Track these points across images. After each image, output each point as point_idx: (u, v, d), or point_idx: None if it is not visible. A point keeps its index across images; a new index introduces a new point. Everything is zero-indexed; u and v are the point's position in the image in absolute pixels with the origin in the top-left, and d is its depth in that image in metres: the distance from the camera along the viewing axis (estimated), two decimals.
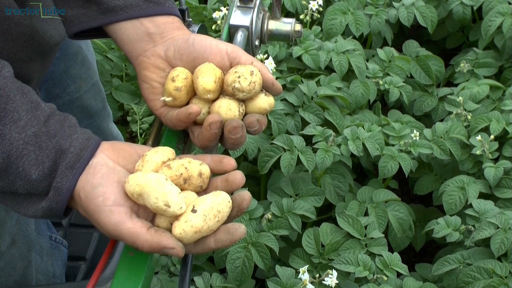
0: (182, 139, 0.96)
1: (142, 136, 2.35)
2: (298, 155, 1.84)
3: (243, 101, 0.89)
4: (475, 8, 2.45)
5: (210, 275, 1.63)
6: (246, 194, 0.83)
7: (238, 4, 1.07)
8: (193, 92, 0.91)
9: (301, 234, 1.75)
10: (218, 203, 0.80)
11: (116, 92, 2.33)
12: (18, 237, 1.28)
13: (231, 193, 0.83)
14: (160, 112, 0.93)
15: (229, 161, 0.85)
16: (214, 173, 0.86)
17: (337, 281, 1.51)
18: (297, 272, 1.57)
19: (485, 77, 2.28)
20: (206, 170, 0.84)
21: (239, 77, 0.87)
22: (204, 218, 0.79)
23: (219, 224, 0.81)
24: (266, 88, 0.91)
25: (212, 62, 0.90)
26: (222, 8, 2.11)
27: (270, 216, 1.74)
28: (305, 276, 1.52)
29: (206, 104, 0.90)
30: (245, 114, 0.90)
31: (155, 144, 0.97)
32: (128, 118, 2.39)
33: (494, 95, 2.17)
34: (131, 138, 2.43)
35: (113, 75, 2.38)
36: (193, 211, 0.79)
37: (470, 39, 2.54)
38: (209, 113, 0.90)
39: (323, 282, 1.52)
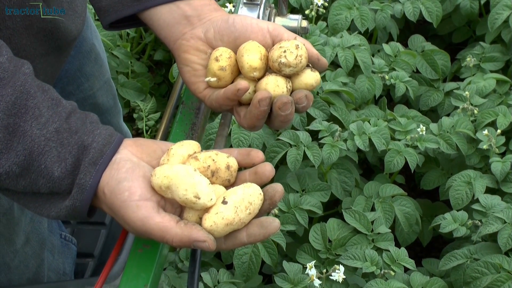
0: (190, 135, 0.96)
1: (148, 133, 2.35)
2: (304, 151, 1.84)
3: (289, 77, 0.87)
4: (482, 2, 2.44)
5: (217, 271, 1.63)
6: (278, 186, 0.79)
7: (245, 1, 1.07)
8: (237, 72, 0.89)
9: (308, 229, 1.75)
10: (249, 195, 0.77)
11: (122, 89, 2.33)
12: (32, 235, 1.28)
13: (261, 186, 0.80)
14: (204, 95, 0.90)
15: (257, 154, 0.82)
16: (241, 167, 0.83)
17: (344, 277, 1.52)
18: (304, 268, 1.57)
19: (492, 72, 2.27)
20: (233, 163, 0.81)
21: (284, 51, 0.85)
22: (235, 210, 0.76)
23: (251, 217, 0.78)
24: (311, 63, 0.89)
25: (254, 41, 0.88)
26: (227, 4, 2.11)
27: (277, 212, 1.74)
28: (312, 272, 1.52)
29: (252, 83, 0.88)
30: (292, 91, 0.88)
31: (163, 140, 0.97)
32: (134, 115, 2.40)
33: (500, 90, 2.16)
34: (137, 135, 2.43)
35: (119, 72, 2.38)
36: (224, 202, 0.76)
37: (476, 33, 2.53)
38: (255, 92, 0.87)
39: (330, 277, 1.52)
